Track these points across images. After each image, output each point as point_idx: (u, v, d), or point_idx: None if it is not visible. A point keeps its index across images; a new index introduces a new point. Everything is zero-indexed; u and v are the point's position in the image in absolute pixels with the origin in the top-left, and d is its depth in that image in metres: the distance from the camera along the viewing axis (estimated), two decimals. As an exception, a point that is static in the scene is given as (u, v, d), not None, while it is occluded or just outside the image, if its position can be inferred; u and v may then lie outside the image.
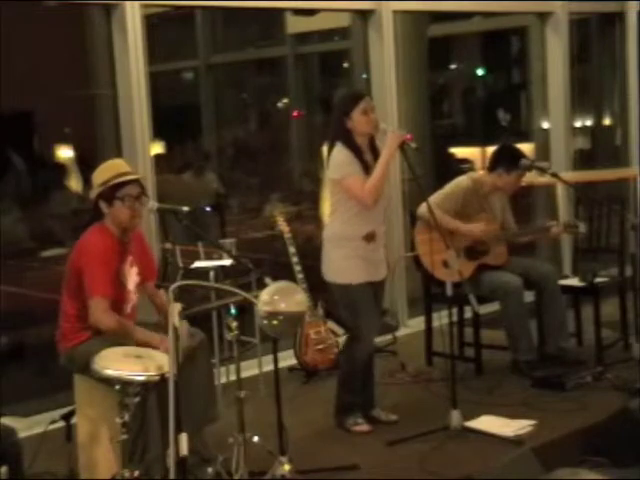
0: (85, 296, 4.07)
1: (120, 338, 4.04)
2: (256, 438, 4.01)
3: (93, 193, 4.19)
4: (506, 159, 5.53)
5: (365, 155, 4.63)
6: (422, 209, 5.25)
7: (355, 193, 4.55)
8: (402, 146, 4.58)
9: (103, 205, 4.15)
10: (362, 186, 4.53)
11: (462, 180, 5.61)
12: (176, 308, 3.51)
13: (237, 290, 3.92)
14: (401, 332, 6.52)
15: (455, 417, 4.59)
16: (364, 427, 4.76)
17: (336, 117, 4.64)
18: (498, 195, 5.64)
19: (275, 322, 3.76)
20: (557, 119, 7.94)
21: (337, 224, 4.68)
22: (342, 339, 5.14)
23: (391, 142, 4.53)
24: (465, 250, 5.48)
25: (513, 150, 5.66)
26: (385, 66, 6.70)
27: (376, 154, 4.66)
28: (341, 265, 4.66)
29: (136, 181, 4.19)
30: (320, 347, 5.65)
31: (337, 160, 4.59)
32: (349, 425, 4.77)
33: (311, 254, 4.90)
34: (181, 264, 5.20)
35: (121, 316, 4.15)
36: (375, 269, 4.71)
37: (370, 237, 4.64)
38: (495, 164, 5.57)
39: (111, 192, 4.12)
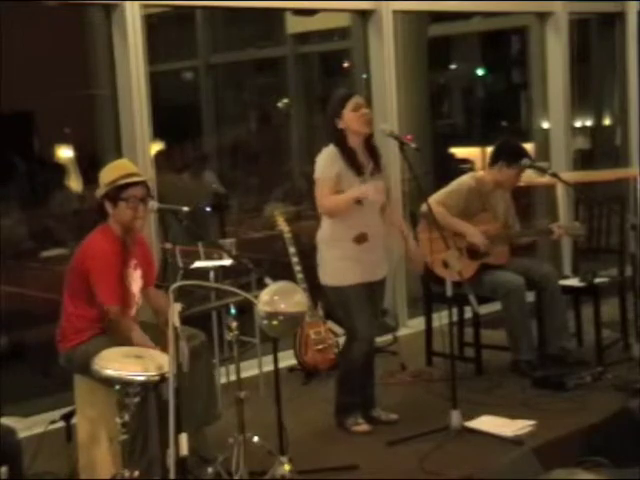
0: (89, 298, 4.07)
1: (121, 339, 4.04)
2: (256, 438, 4.02)
3: (99, 192, 4.16)
4: (508, 153, 5.55)
5: (359, 156, 4.62)
6: (425, 208, 5.25)
7: (318, 196, 4.56)
8: (402, 147, 4.59)
9: (108, 205, 4.13)
10: (327, 193, 4.52)
11: (465, 179, 5.62)
12: (176, 308, 3.51)
13: (237, 290, 3.93)
14: (401, 332, 6.51)
15: (455, 417, 4.59)
16: (364, 427, 4.76)
17: (327, 120, 4.63)
18: (500, 194, 5.64)
19: (275, 322, 3.76)
20: (557, 119, 7.94)
21: (327, 226, 4.69)
22: (342, 339, 5.13)
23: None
24: (467, 250, 5.48)
25: (514, 145, 5.71)
26: (385, 66, 6.69)
27: (373, 154, 4.66)
28: (333, 266, 4.66)
29: (142, 183, 4.16)
30: (320, 347, 5.65)
31: (320, 160, 4.61)
32: (349, 425, 4.77)
33: (311, 254, 4.90)
34: (181, 264, 5.19)
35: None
36: (370, 270, 4.69)
37: (361, 239, 4.63)
38: (496, 158, 5.58)
39: (116, 193, 4.10)
